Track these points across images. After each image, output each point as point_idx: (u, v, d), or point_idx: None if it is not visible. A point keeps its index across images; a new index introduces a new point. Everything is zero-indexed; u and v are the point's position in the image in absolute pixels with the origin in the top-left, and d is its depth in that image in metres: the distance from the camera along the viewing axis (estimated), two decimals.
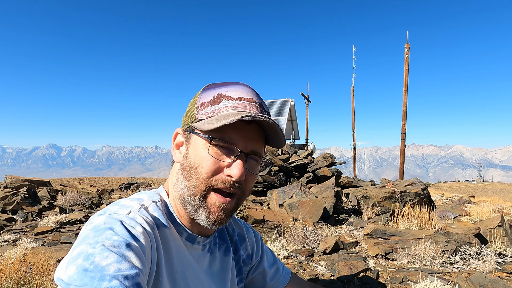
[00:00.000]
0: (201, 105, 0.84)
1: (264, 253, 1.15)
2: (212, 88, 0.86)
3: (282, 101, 25.25)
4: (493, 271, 3.53)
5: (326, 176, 6.78)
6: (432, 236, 3.95)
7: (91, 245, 0.63)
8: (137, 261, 0.64)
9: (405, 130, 15.05)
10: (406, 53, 15.54)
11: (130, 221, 0.72)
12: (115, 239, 0.65)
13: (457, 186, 62.29)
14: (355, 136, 23.53)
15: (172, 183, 0.89)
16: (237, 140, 0.79)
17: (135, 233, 0.70)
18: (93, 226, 0.70)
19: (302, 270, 3.53)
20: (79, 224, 5.63)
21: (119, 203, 0.80)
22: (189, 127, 0.84)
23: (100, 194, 9.81)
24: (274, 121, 0.78)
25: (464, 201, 13.52)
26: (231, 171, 0.78)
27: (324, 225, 4.98)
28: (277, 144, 0.86)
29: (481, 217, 6.79)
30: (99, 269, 0.59)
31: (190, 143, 0.83)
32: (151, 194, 0.88)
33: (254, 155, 0.82)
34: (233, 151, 0.79)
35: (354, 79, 23.58)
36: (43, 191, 8.18)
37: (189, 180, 0.80)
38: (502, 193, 45.91)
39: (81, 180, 29.79)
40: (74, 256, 0.62)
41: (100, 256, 0.61)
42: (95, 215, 0.75)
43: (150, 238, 0.73)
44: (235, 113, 0.77)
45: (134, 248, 0.66)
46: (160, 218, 0.82)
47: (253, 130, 0.81)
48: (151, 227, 0.76)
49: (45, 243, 4.41)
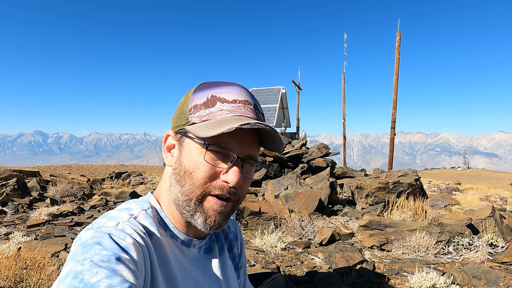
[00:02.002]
0: (194, 107, 0.80)
1: (245, 265, 1.16)
2: (205, 88, 0.82)
3: (273, 88, 25.11)
4: (485, 261, 3.63)
5: (321, 167, 6.82)
6: (426, 227, 4.03)
7: (80, 263, 0.60)
8: (129, 274, 0.62)
9: (395, 119, 15.18)
10: (398, 41, 15.54)
11: (119, 233, 0.69)
12: (104, 253, 0.62)
13: (443, 173, 63.73)
14: (345, 124, 23.68)
15: (165, 188, 0.86)
16: (233, 145, 0.77)
17: (124, 245, 0.67)
18: (81, 242, 0.67)
19: (300, 262, 3.56)
20: (71, 216, 5.56)
21: (107, 215, 0.77)
22: (181, 130, 0.81)
23: (91, 184, 9.69)
24: (272, 128, 0.76)
25: (452, 189, 13.84)
26: (227, 177, 0.76)
27: (320, 216, 5.03)
28: (274, 148, 0.84)
29: (470, 206, 6.96)
30: (89, 286, 0.56)
31: (183, 147, 0.80)
32: (140, 202, 0.85)
33: (250, 159, 0.80)
34: (229, 157, 0.77)
35: (345, 67, 23.57)
36: (32, 182, 8.02)
37: (183, 185, 0.78)
38: (486, 180, 47.19)
39: (70, 168, 29.40)
40: (63, 276, 0.60)
41: (89, 273, 0.58)
42: (83, 230, 0.72)
43: (142, 248, 0.71)
44: (231, 118, 0.75)
45: (124, 261, 0.63)
46: (152, 226, 0.79)
47: (249, 134, 0.79)
48: (142, 237, 0.73)
49: (38, 237, 4.35)
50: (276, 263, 3.48)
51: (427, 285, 2.85)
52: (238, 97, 0.81)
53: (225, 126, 0.71)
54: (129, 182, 10.68)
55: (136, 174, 13.46)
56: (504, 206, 8.81)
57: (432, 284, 2.87)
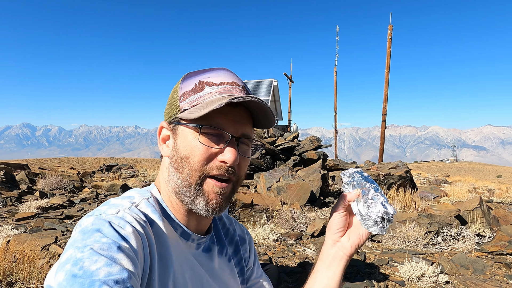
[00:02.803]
0: (184, 95, 0.81)
1: (258, 264, 1.15)
2: (192, 76, 0.83)
3: (265, 81, 25.01)
4: (473, 251, 3.72)
5: (313, 159, 6.85)
6: (415, 218, 4.09)
7: (80, 249, 0.60)
8: (128, 263, 0.62)
9: (386, 112, 15.30)
10: (389, 35, 15.59)
11: (119, 221, 0.69)
12: (104, 241, 0.62)
13: (432, 165, 64.70)
14: (337, 117, 23.79)
15: (163, 179, 0.86)
16: (226, 125, 0.77)
17: (124, 233, 0.67)
18: (81, 229, 0.66)
19: (292, 253, 3.59)
20: (61, 209, 5.50)
21: (109, 203, 0.77)
22: (174, 119, 0.82)
23: (81, 177, 9.58)
24: (262, 101, 0.76)
25: (441, 181, 14.08)
26: (224, 157, 0.76)
27: (311, 208, 5.07)
28: (266, 124, 0.84)
29: (458, 197, 7.09)
30: (89, 274, 0.56)
31: (178, 135, 0.80)
32: (142, 191, 0.85)
33: (245, 138, 0.81)
34: (223, 137, 0.77)
35: (337, 60, 23.61)
36: (21, 175, 7.90)
37: (181, 171, 0.78)
38: (474, 172, 48.08)
39: (59, 160, 29.01)
40: (63, 262, 0.59)
41: (89, 261, 0.58)
42: (84, 216, 0.72)
43: (141, 237, 0.70)
44: (220, 98, 0.75)
45: (124, 250, 0.63)
46: (153, 214, 0.79)
47: (241, 113, 0.79)
48: (142, 226, 0.72)
49: (27, 230, 4.29)
50: (269, 254, 3.50)
51: (416, 274, 2.90)
52: (225, 79, 0.82)
53: (215, 104, 0.72)
54: (120, 175, 10.60)
55: (127, 167, 13.35)
56: (491, 197, 9.01)
57: (421, 274, 2.92)
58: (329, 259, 0.88)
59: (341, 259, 0.87)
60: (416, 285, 2.83)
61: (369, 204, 0.78)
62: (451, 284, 2.87)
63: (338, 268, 0.88)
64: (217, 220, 1.03)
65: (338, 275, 0.88)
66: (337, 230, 0.87)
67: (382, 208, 0.76)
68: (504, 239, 3.78)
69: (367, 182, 0.83)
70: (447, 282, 2.90)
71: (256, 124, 0.86)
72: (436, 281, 2.87)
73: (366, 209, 0.78)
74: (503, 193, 10.56)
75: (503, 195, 10.03)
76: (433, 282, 2.85)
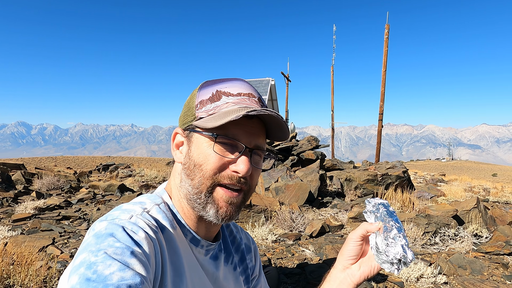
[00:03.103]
0: (200, 103, 0.82)
1: (262, 274, 1.16)
2: (209, 85, 0.85)
3: (262, 80, 25.02)
4: (470, 251, 3.74)
5: (311, 159, 6.86)
6: (413, 219, 4.11)
7: (93, 253, 0.61)
8: (141, 268, 0.63)
9: (382, 111, 15.33)
10: (386, 34, 15.61)
11: (132, 226, 0.70)
12: (117, 246, 0.63)
13: (428, 164, 65.05)
14: (333, 116, 23.84)
15: (175, 184, 0.87)
16: (240, 136, 0.78)
17: (137, 238, 0.68)
18: (95, 233, 0.68)
19: (291, 254, 3.60)
20: (58, 209, 5.47)
21: (121, 208, 0.78)
22: (189, 126, 0.83)
23: (78, 177, 9.53)
24: (278, 114, 0.78)
25: (437, 180, 14.15)
26: (237, 167, 0.78)
27: (310, 208, 5.07)
28: (280, 137, 0.85)
29: (455, 197, 7.13)
30: (102, 278, 0.57)
31: (192, 142, 0.82)
32: (153, 197, 0.86)
33: (258, 150, 0.82)
34: (237, 147, 0.79)
35: (334, 59, 23.64)
36: (17, 175, 7.84)
37: (193, 178, 0.79)
38: (469, 171, 48.44)
39: (55, 159, 28.84)
40: (77, 265, 0.60)
41: (103, 265, 0.59)
42: (97, 221, 0.73)
43: (153, 242, 0.72)
44: (237, 109, 0.76)
45: (137, 255, 0.64)
46: (164, 220, 0.80)
47: (255, 124, 0.81)
48: (154, 231, 0.74)
49: (24, 231, 4.26)
50: (267, 256, 3.51)
51: (415, 275, 2.92)
52: (242, 90, 0.83)
53: (232, 115, 0.73)
54: (117, 175, 10.55)
55: (124, 166, 13.30)
56: (487, 196, 9.07)
57: (420, 275, 2.94)
58: (336, 283, 0.89)
59: (348, 286, 0.87)
60: (415, 286, 2.84)
61: (389, 242, 0.77)
62: (449, 284, 2.89)
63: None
64: (224, 227, 1.03)
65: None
66: (350, 257, 0.87)
67: (401, 251, 0.74)
68: (501, 239, 3.81)
69: (392, 220, 0.81)
70: (445, 283, 2.92)
71: (270, 136, 0.87)
72: (434, 282, 2.88)
73: (385, 247, 0.77)
74: (498, 192, 10.64)
75: (498, 194, 10.11)
76: (432, 283, 2.87)
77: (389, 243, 0.76)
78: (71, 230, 4.33)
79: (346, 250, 0.87)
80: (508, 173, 50.10)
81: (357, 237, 0.84)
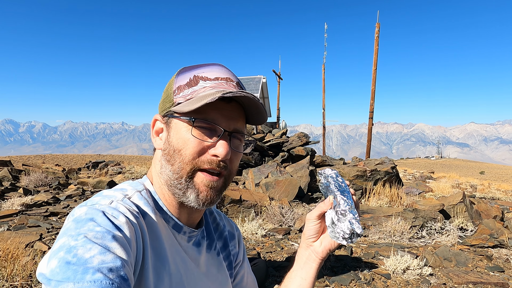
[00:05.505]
0: (178, 89, 0.82)
1: (246, 260, 1.17)
2: (187, 71, 0.84)
3: (254, 78, 25.01)
4: (456, 244, 3.81)
5: (301, 156, 6.90)
6: (401, 213, 4.17)
7: (73, 237, 0.61)
8: (122, 251, 0.63)
9: (373, 109, 15.48)
10: (377, 32, 15.74)
11: (113, 211, 0.70)
12: (98, 230, 0.63)
13: (418, 162, 65.93)
14: (325, 114, 23.96)
15: (156, 171, 0.87)
16: (219, 119, 0.78)
17: (118, 223, 0.67)
18: (75, 218, 0.67)
19: (280, 248, 3.62)
20: (46, 206, 5.40)
21: (101, 194, 0.78)
22: (167, 112, 0.83)
23: (67, 173, 9.41)
24: (255, 96, 0.78)
25: (426, 177, 14.36)
26: (216, 151, 0.78)
27: (299, 203, 5.11)
28: (259, 120, 0.86)
29: (442, 193, 7.25)
30: (82, 261, 0.57)
31: (171, 128, 0.82)
32: (135, 184, 0.86)
33: (237, 133, 0.82)
34: (216, 131, 0.79)
35: (325, 58, 23.78)
36: (4, 172, 7.71)
37: (173, 164, 0.79)
38: (457, 169, 49.24)
39: (43, 157, 28.42)
40: (56, 249, 0.60)
41: (83, 249, 0.58)
42: (77, 206, 0.73)
43: (134, 227, 0.71)
44: (214, 93, 0.76)
45: (118, 239, 0.64)
46: (145, 206, 0.80)
47: (234, 108, 0.81)
48: (135, 217, 0.73)
49: (11, 227, 4.20)
50: (257, 250, 3.52)
51: (401, 267, 2.97)
52: (220, 74, 0.83)
53: (209, 97, 0.73)
54: (107, 172, 10.45)
55: (114, 164, 13.17)
56: (474, 193, 9.25)
57: (406, 267, 2.99)
58: (303, 260, 0.93)
59: (313, 261, 0.91)
60: (401, 278, 2.89)
61: (339, 217, 0.79)
62: (434, 276, 2.95)
63: (311, 270, 0.92)
64: (208, 214, 1.04)
65: (311, 276, 0.93)
66: (310, 236, 0.91)
67: (349, 226, 0.77)
68: (485, 232, 3.89)
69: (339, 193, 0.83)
70: (431, 274, 2.97)
71: (249, 120, 0.87)
72: (420, 274, 2.94)
73: (337, 222, 0.79)
74: (485, 189, 10.85)
75: (485, 190, 10.31)
76: (418, 275, 2.92)
77: (340, 218, 0.79)
78: (59, 226, 4.29)
79: (306, 230, 0.91)
80: (495, 171, 51.12)
81: (314, 217, 0.86)
